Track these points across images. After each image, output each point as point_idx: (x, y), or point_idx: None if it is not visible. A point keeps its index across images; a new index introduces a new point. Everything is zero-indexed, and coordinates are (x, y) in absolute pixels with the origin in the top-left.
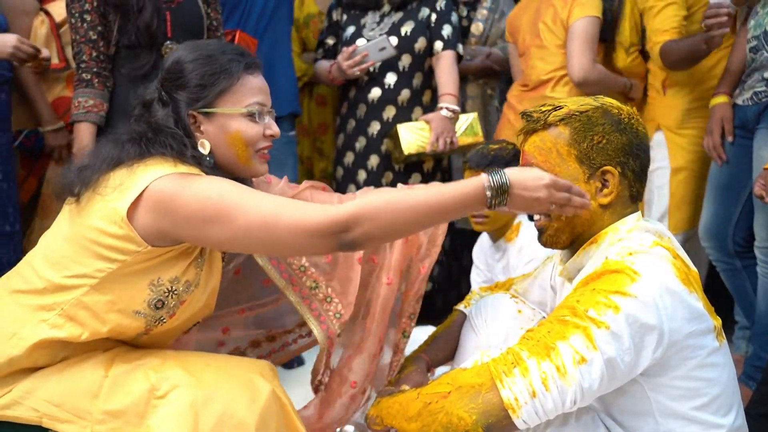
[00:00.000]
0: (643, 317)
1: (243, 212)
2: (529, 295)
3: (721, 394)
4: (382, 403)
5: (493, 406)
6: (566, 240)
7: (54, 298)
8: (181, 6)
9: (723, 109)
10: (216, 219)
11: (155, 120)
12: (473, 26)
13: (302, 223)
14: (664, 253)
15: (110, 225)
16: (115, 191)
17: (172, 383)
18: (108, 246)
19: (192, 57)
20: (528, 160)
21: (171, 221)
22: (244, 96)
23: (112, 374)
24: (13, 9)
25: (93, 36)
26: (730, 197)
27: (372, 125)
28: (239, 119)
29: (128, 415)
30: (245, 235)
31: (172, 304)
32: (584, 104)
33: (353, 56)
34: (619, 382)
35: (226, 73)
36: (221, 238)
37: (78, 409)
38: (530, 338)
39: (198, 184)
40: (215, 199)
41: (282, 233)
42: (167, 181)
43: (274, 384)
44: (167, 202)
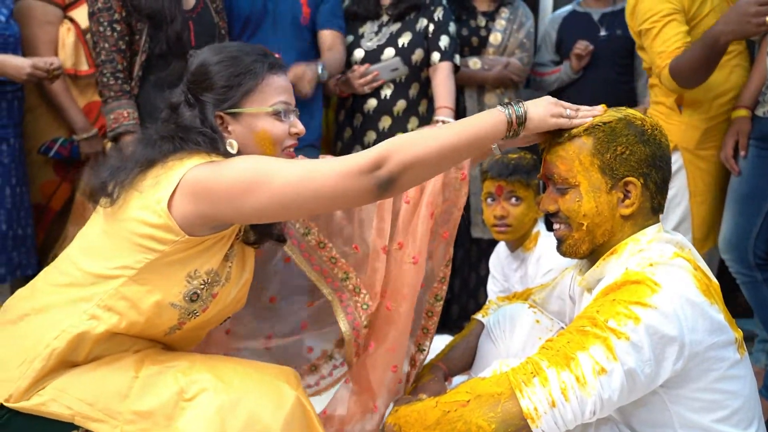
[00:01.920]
0: (664, 328)
1: (279, 174)
2: (548, 305)
3: (743, 406)
4: (400, 411)
5: (512, 416)
6: (586, 250)
7: (94, 289)
8: (200, 15)
9: (741, 122)
10: (254, 186)
11: (183, 121)
12: (491, 36)
13: (336, 169)
14: (684, 265)
15: (150, 215)
16: (153, 186)
17: (201, 386)
18: (147, 236)
19: (217, 59)
20: (550, 170)
21: (210, 202)
22: (269, 95)
23: (142, 375)
24: (37, 20)
25: (122, 45)
26: (750, 209)
27: (368, 135)
28: (265, 118)
29: (157, 416)
30: (284, 195)
31: (205, 296)
32: (607, 115)
33: (365, 75)
34: (639, 394)
35: (252, 73)
36: (262, 204)
37: (109, 409)
38: (550, 348)
39: (231, 163)
40: (250, 169)
41: (318, 183)
42: (202, 168)
43: (299, 391)
44: (204, 184)
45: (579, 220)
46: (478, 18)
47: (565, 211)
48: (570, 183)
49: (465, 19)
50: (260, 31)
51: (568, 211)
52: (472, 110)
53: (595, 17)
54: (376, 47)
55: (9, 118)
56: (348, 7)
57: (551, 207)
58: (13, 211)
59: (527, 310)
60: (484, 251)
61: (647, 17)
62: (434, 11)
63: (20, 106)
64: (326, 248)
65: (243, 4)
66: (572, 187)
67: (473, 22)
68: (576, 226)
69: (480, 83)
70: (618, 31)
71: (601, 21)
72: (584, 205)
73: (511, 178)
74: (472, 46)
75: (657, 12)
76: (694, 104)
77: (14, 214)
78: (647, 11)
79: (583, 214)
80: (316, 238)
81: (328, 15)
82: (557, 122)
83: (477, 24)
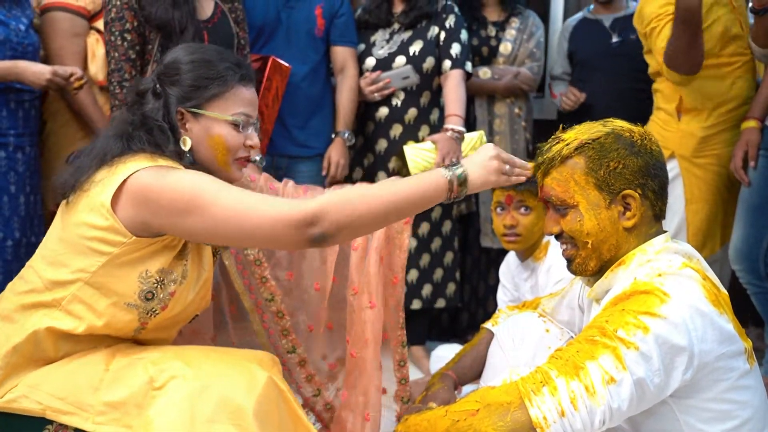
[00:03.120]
0: (673, 338)
1: (217, 203)
2: (557, 314)
3: (753, 417)
4: (410, 420)
5: (521, 425)
6: (594, 267)
7: (53, 295)
8: (216, 25)
9: (750, 133)
10: (191, 209)
11: (144, 111)
12: (501, 46)
13: (272, 216)
14: (693, 275)
15: (96, 217)
16: (97, 186)
17: (170, 374)
18: (96, 239)
19: (191, 58)
20: (547, 193)
21: (150, 212)
22: (233, 105)
23: (113, 368)
24: (65, 32)
25: (132, 55)
26: (761, 220)
27: (379, 143)
28: (224, 125)
29: (128, 405)
30: (219, 226)
31: (161, 295)
32: (595, 131)
33: (376, 82)
34: (648, 404)
35: (221, 80)
36: (197, 229)
37: (80, 402)
38: (559, 357)
39: (174, 175)
40: (189, 189)
41: (253, 224)
42: (145, 173)
43: (273, 372)
44: (145, 192)
45: (583, 239)
46: (488, 28)
47: (568, 232)
48: (568, 204)
49: (475, 29)
50: (273, 42)
51: (572, 231)
52: (482, 119)
53: (606, 23)
54: (387, 55)
55: (25, 127)
56: (360, 16)
57: (554, 229)
58: (26, 219)
59: (537, 320)
60: (493, 260)
61: (652, 17)
62: (446, 19)
63: (37, 114)
64: (261, 266)
65: (256, 14)
66: (571, 207)
67: (484, 32)
68: (581, 245)
69: (490, 93)
70: (632, 36)
71: (612, 27)
72: (586, 223)
73: (520, 188)
74: (482, 56)
75: (662, 12)
76: (693, 112)
77: (27, 222)
78: (652, 12)
79: (586, 233)
80: (255, 255)
81: (341, 30)
82: (498, 180)
83: (487, 34)
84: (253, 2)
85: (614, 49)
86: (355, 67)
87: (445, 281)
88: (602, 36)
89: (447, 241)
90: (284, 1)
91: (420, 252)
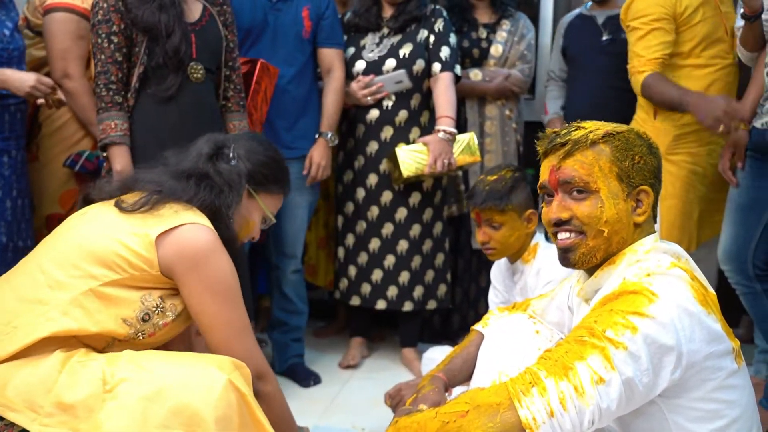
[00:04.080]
0: (662, 338)
1: (235, 309)
2: (547, 315)
3: (741, 416)
4: (400, 422)
5: (511, 426)
6: (600, 258)
7: (53, 294)
8: (204, 28)
9: (737, 135)
10: (221, 298)
11: (218, 167)
12: (492, 48)
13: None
14: (681, 275)
15: (136, 243)
16: (155, 218)
17: (122, 377)
18: (125, 259)
19: (272, 154)
20: (568, 174)
21: (187, 269)
22: (274, 205)
23: (67, 370)
24: (71, 35)
25: (119, 57)
26: (750, 219)
27: (370, 145)
28: (259, 215)
29: (77, 409)
30: (217, 322)
31: (155, 320)
32: (615, 126)
33: (369, 86)
34: (637, 403)
35: (280, 183)
36: (203, 310)
37: (31, 401)
38: (548, 358)
39: (225, 258)
40: (230, 283)
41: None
42: (205, 232)
43: (234, 375)
44: (195, 251)
45: (600, 226)
46: (479, 30)
47: (583, 218)
48: (591, 188)
49: (466, 31)
50: (260, 44)
51: (589, 218)
52: (473, 121)
53: (599, 21)
54: (377, 58)
55: (11, 131)
56: (350, 20)
57: (564, 214)
58: (13, 224)
59: (527, 321)
60: (484, 262)
61: (638, 16)
62: (435, 23)
63: (23, 118)
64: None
65: (243, 17)
66: (592, 193)
67: (474, 34)
68: (594, 233)
69: (481, 95)
70: (623, 35)
71: (604, 25)
72: (606, 211)
73: (483, 206)
74: (473, 58)
75: (648, 14)
76: (668, 111)
77: (14, 227)
78: (639, 11)
79: (605, 221)
80: None
81: (328, 32)
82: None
83: (478, 36)
84: (240, 4)
85: (604, 47)
86: (341, 68)
87: (436, 283)
88: (593, 33)
89: (438, 242)
90: (271, 4)
91: (411, 254)
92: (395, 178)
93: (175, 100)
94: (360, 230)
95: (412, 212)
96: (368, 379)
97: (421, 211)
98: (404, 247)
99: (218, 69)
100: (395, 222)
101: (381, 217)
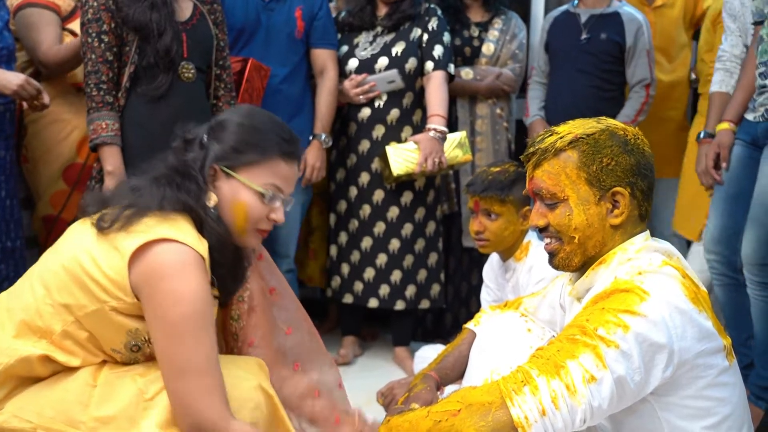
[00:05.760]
0: (653, 336)
1: (182, 346)
2: (539, 313)
3: (732, 413)
4: (392, 422)
5: (503, 425)
6: (578, 262)
7: (44, 322)
8: (195, 27)
9: (723, 135)
10: (162, 329)
11: (186, 159)
12: (484, 47)
13: (196, 403)
14: (673, 273)
15: (109, 267)
16: (130, 237)
17: (160, 385)
18: (98, 283)
19: (240, 121)
20: (537, 185)
21: (144, 291)
22: (266, 176)
23: (100, 383)
24: (36, 25)
25: (110, 57)
26: (738, 210)
27: (362, 143)
28: (251, 193)
29: (119, 419)
30: (161, 357)
31: (147, 351)
32: (590, 127)
33: (361, 85)
34: (628, 402)
35: (261, 149)
36: (153, 337)
37: (71, 419)
38: (540, 357)
39: (180, 284)
40: (177, 316)
41: (178, 388)
42: (168, 250)
43: (260, 378)
44: (152, 273)
45: (570, 233)
46: (471, 28)
47: (555, 226)
48: (558, 197)
49: (458, 30)
50: (253, 44)
51: (559, 226)
52: (464, 120)
53: (582, 19)
54: (370, 56)
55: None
56: (344, 18)
57: (540, 222)
58: (2, 224)
59: (519, 319)
60: (475, 261)
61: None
62: (428, 21)
63: (12, 118)
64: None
65: (236, 16)
66: (561, 202)
67: (466, 33)
68: (567, 240)
69: (472, 93)
70: (602, 35)
71: (585, 24)
72: (575, 218)
73: (484, 195)
74: (465, 57)
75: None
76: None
77: (3, 227)
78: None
79: (574, 228)
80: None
81: (321, 32)
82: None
83: (470, 34)
84: (233, 4)
85: (582, 45)
86: (335, 69)
87: (429, 282)
88: (574, 31)
89: (431, 242)
90: (264, 3)
91: (403, 253)
92: (386, 177)
93: (166, 100)
94: (352, 228)
95: (404, 211)
96: (360, 377)
97: (413, 211)
98: (396, 246)
99: (209, 68)
100: (387, 221)
101: (373, 215)
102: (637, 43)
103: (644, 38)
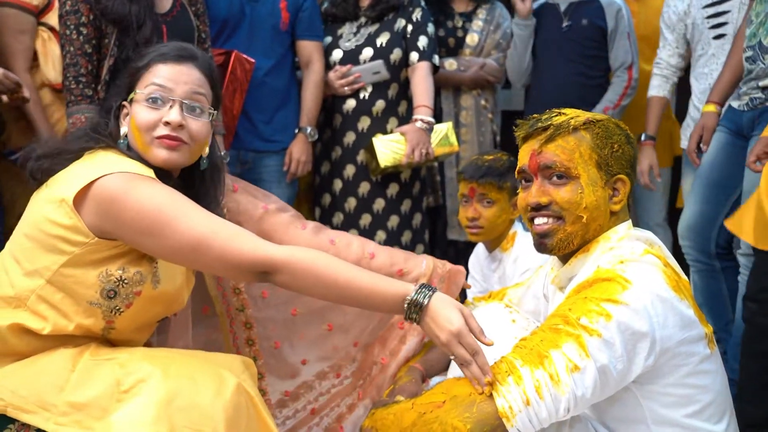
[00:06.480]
0: (635, 325)
1: (176, 230)
2: (523, 304)
3: (714, 401)
4: (376, 414)
5: (487, 415)
6: (576, 244)
7: (17, 291)
8: (175, 19)
9: (708, 117)
10: (150, 232)
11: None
12: (468, 37)
13: (229, 255)
14: (655, 261)
15: (59, 214)
16: (63, 181)
17: (137, 378)
18: (58, 237)
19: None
20: (549, 159)
21: (112, 223)
22: (146, 82)
23: (79, 369)
24: (10, 29)
25: (88, 49)
26: (718, 197)
27: (347, 135)
28: (141, 105)
29: (91, 408)
30: (175, 253)
31: (124, 294)
32: (596, 115)
33: (346, 76)
34: (611, 390)
35: (142, 65)
36: (155, 250)
37: (43, 401)
38: (523, 347)
39: (142, 191)
40: (153, 211)
41: (209, 259)
42: (115, 179)
43: (243, 377)
44: (109, 203)
45: (579, 212)
46: (455, 19)
47: (563, 203)
48: (571, 174)
49: (442, 20)
50: (237, 36)
51: (568, 203)
52: (448, 111)
53: (562, 8)
54: (354, 47)
55: None
56: (327, 9)
57: (543, 199)
58: None
59: (503, 310)
60: (461, 253)
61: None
62: (412, 12)
63: None
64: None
65: (220, 8)
66: (573, 179)
67: (450, 23)
68: (573, 219)
69: (456, 84)
70: (583, 21)
71: (566, 12)
72: (586, 197)
73: (482, 180)
74: (449, 47)
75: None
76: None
77: None
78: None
79: (584, 207)
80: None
81: (307, 24)
82: (448, 342)
83: (454, 25)
84: None
85: (564, 33)
86: (320, 61)
87: None
88: (555, 20)
89: (417, 234)
90: None
91: (390, 245)
92: (373, 169)
93: None
94: (337, 222)
95: (389, 203)
96: None
97: (399, 202)
98: (382, 237)
99: None
100: (373, 213)
101: (358, 208)
102: (618, 25)
103: (624, 21)
